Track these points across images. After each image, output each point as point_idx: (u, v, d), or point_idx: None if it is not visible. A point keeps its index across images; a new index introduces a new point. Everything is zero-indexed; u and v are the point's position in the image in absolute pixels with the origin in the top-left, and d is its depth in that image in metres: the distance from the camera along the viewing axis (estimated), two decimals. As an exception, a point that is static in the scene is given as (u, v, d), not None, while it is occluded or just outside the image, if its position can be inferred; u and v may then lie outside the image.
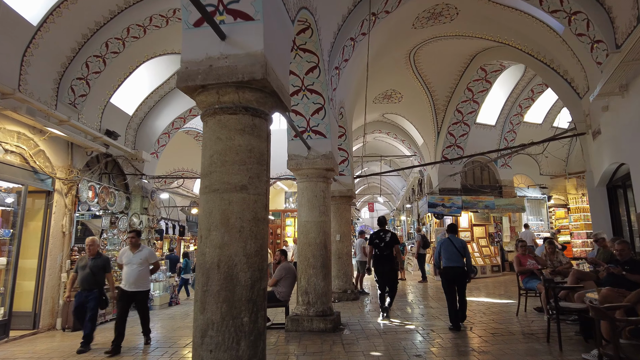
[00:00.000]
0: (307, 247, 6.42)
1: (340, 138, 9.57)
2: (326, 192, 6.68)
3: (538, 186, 16.21)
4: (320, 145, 6.60)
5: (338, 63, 6.94)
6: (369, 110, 14.63)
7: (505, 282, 11.99)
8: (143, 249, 5.89)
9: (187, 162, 15.78)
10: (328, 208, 6.70)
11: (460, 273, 6.27)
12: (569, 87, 8.18)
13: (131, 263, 5.71)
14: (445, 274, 6.34)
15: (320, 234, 6.44)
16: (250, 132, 3.23)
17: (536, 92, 13.63)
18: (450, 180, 13.85)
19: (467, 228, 13.99)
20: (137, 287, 5.68)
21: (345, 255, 9.82)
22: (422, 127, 14.56)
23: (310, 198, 6.56)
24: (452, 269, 6.26)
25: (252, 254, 3.08)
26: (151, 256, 5.94)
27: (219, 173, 3.14)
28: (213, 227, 3.07)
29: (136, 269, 5.69)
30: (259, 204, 3.19)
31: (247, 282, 3.02)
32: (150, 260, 5.90)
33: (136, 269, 5.69)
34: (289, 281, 6.51)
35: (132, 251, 5.78)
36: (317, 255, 6.37)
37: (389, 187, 30.60)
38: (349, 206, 10.22)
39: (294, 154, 6.63)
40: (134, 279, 5.66)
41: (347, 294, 9.57)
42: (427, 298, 9.62)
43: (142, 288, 5.79)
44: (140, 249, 5.82)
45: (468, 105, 12.91)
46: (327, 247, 6.49)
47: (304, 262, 6.40)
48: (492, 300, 8.77)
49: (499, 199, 13.88)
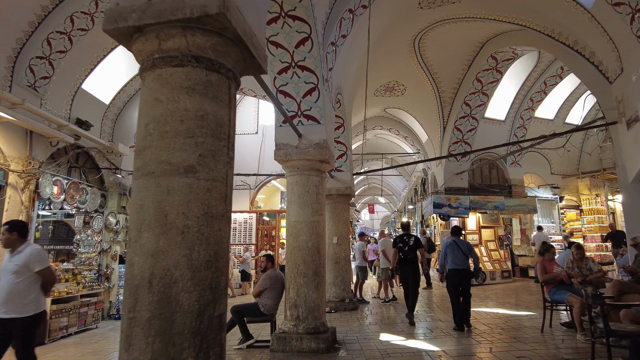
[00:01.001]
0: (297, 252, 5.46)
1: (338, 130, 8.61)
2: (320, 188, 5.72)
3: (549, 186, 15.25)
4: (313, 133, 5.65)
5: (334, 38, 6.00)
6: (370, 104, 13.69)
7: (517, 290, 11.02)
8: (25, 249, 3.64)
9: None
10: (322, 206, 5.74)
11: (466, 275, 6.40)
12: (597, 71, 7.23)
13: (4, 271, 3.61)
14: (450, 276, 6.44)
15: (312, 236, 5.49)
16: (203, 93, 2.28)
17: (549, 84, 12.69)
18: (457, 179, 12.89)
19: (475, 230, 13.03)
20: (10, 310, 3.47)
21: (343, 260, 8.86)
22: (426, 122, 13.61)
23: (301, 194, 5.60)
24: (458, 271, 6.38)
25: (202, 266, 2.12)
26: (36, 260, 3.60)
27: (155, 149, 2.19)
28: (145, 226, 2.12)
29: (10, 281, 3.54)
30: (213, 194, 2.24)
31: (192, 307, 2.07)
32: (34, 267, 3.58)
33: (10, 281, 3.54)
34: (276, 292, 5.55)
35: (11, 253, 3.67)
36: (309, 262, 5.41)
37: (390, 188, 29.65)
38: (347, 206, 9.27)
39: (282, 143, 5.68)
40: (5, 296, 3.50)
41: (345, 303, 8.60)
42: (433, 308, 8.65)
43: (20, 313, 3.48)
44: (19, 250, 3.63)
45: (477, 98, 11.96)
46: (320, 251, 5.53)
47: (293, 269, 5.44)
48: (508, 311, 7.80)
49: (509, 199, 12.91)
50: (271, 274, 5.58)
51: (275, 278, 5.57)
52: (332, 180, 9.00)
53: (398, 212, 31.28)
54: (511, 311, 7.82)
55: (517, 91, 13.00)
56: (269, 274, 5.57)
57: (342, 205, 9.11)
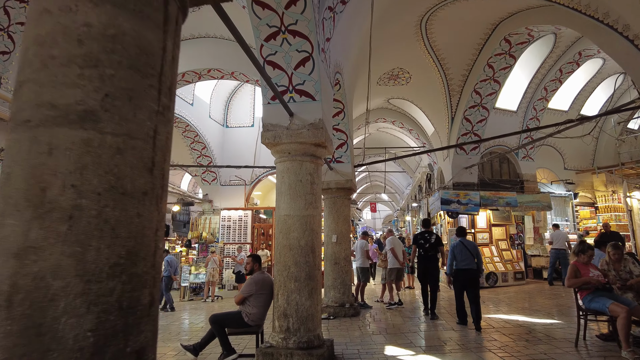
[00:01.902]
0: (287, 252, 4.63)
1: (338, 116, 7.78)
2: (315, 176, 4.89)
3: (562, 182, 14.38)
4: (307, 111, 4.81)
5: (332, 2, 5.15)
6: (373, 95, 12.85)
7: (532, 293, 10.16)
8: None
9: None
10: (317, 198, 4.91)
11: (474, 274, 6.42)
12: (631, 46, 6.37)
13: None
14: (458, 276, 6.51)
15: (305, 232, 4.65)
16: (119, 3, 1.45)
17: (565, 72, 11.82)
18: (466, 174, 12.03)
19: (485, 228, 12.17)
20: None
21: (343, 261, 8.02)
22: (433, 113, 12.76)
23: (292, 183, 4.77)
24: (465, 271, 6.42)
25: (103, 272, 1.29)
26: None
27: (34, 85, 1.36)
28: (10, 207, 1.29)
29: None
30: (128, 158, 1.39)
31: (82, 342, 1.24)
32: None
33: None
34: (263, 299, 4.71)
35: None
36: (301, 263, 4.58)
37: (392, 186, 28.81)
38: (347, 201, 8.43)
39: (270, 123, 4.85)
40: None
41: (345, 308, 7.76)
42: (442, 313, 7.80)
43: None
44: None
45: (488, 86, 11.09)
46: (314, 250, 4.70)
47: (283, 272, 4.61)
48: (528, 318, 6.95)
49: (521, 195, 12.04)
50: (258, 277, 4.74)
51: (263, 282, 4.74)
52: (331, 172, 8.17)
53: (401, 211, 30.44)
54: (531, 318, 6.96)
55: (530, 79, 12.15)
56: (255, 277, 4.73)
57: (342, 200, 8.27)
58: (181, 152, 13.68)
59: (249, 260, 4.87)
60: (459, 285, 6.47)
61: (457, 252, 6.50)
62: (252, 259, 4.87)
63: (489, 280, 11.13)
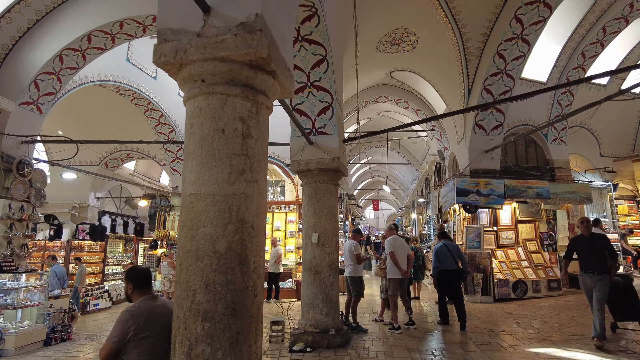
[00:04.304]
0: (193, 263, 2.44)
1: (318, 67, 5.57)
2: (251, 125, 2.68)
3: (598, 170, 12.08)
4: (233, 2, 2.61)
5: None
6: (371, 65, 10.66)
7: (572, 307, 7.91)
8: None
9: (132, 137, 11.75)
10: (258, 165, 2.70)
11: (455, 275, 6.69)
12: None
13: None
14: (441, 277, 6.72)
15: (228, 227, 2.46)
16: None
17: (609, 31, 9.55)
18: (486, 159, 9.78)
19: (510, 226, 9.92)
20: None
21: (326, 269, 5.82)
22: (444, 87, 10.54)
23: (206, 136, 2.58)
24: (448, 272, 6.69)
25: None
26: None
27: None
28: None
29: None
30: None
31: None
32: None
33: None
34: (150, 348, 2.50)
35: None
36: (217, 285, 2.38)
37: (396, 181, 26.56)
38: (334, 187, 6.20)
39: (170, 29, 2.67)
40: None
41: (330, 335, 5.56)
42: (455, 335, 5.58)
43: None
44: None
45: (514, 47, 8.84)
46: (247, 261, 2.49)
47: (184, 301, 2.41)
48: (572, 354, 4.73)
49: (555, 185, 9.78)
50: (138, 309, 2.53)
51: (149, 317, 2.54)
52: (311, 148, 5.98)
53: (406, 209, 28.20)
54: (576, 352, 4.75)
55: (564, 43, 9.89)
56: (133, 310, 2.52)
57: (325, 186, 6.07)
58: (145, 134, 11.50)
59: (124, 280, 2.67)
60: (441, 285, 6.77)
61: (440, 255, 6.74)
62: (127, 275, 2.66)
63: (517, 291, 8.89)
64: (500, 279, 8.94)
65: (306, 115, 5.99)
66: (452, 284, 6.70)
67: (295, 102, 5.91)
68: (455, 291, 6.71)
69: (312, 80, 5.67)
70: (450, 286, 6.71)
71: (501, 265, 9.21)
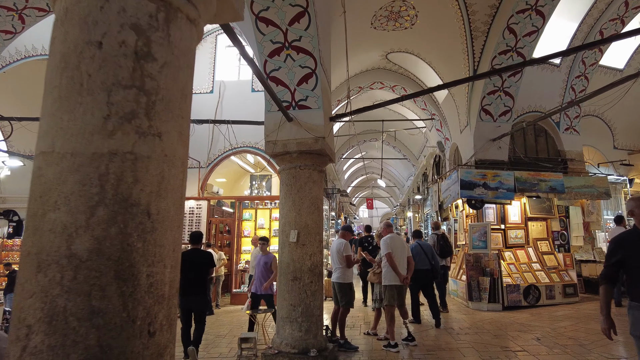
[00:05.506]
0: (31, 274, 1.33)
1: (297, 23, 4.47)
2: (161, 33, 1.57)
3: (612, 164, 11.10)
4: None
5: None
6: (366, 44, 9.58)
7: (592, 317, 6.85)
8: None
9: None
10: (166, 105, 1.59)
11: (428, 274, 6.81)
12: None
13: None
14: (415, 276, 6.16)
15: (93, 210, 1.35)
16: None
17: (632, 6, 8.54)
18: (494, 148, 8.75)
19: (520, 223, 8.88)
20: None
21: (307, 274, 4.72)
22: (446, 69, 9.47)
23: (71, 52, 1.46)
24: (422, 272, 6.67)
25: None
26: None
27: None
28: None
29: None
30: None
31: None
32: None
33: None
34: None
35: None
36: (72, 315, 1.29)
37: (392, 178, 25.53)
38: (318, 174, 5.10)
39: None
40: None
41: (310, 357, 4.46)
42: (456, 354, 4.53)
43: None
44: None
45: (527, 21, 7.79)
46: (134, 274, 1.40)
47: (14, 342, 1.29)
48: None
49: (569, 178, 8.76)
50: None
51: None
52: (290, 125, 4.88)
53: (401, 207, 27.20)
54: None
55: (581, 19, 8.87)
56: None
57: (307, 172, 4.97)
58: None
59: None
60: (415, 284, 6.68)
61: (414, 254, 6.57)
62: None
63: (529, 297, 7.84)
64: (510, 283, 7.89)
65: (284, 84, 4.87)
66: (425, 282, 6.81)
67: (270, 67, 4.79)
68: (428, 290, 6.81)
69: (290, 40, 4.57)
70: (422, 284, 6.80)
71: (510, 267, 8.17)
